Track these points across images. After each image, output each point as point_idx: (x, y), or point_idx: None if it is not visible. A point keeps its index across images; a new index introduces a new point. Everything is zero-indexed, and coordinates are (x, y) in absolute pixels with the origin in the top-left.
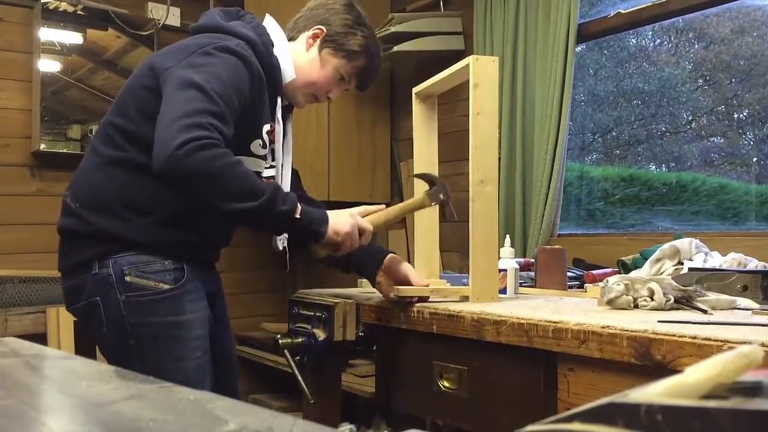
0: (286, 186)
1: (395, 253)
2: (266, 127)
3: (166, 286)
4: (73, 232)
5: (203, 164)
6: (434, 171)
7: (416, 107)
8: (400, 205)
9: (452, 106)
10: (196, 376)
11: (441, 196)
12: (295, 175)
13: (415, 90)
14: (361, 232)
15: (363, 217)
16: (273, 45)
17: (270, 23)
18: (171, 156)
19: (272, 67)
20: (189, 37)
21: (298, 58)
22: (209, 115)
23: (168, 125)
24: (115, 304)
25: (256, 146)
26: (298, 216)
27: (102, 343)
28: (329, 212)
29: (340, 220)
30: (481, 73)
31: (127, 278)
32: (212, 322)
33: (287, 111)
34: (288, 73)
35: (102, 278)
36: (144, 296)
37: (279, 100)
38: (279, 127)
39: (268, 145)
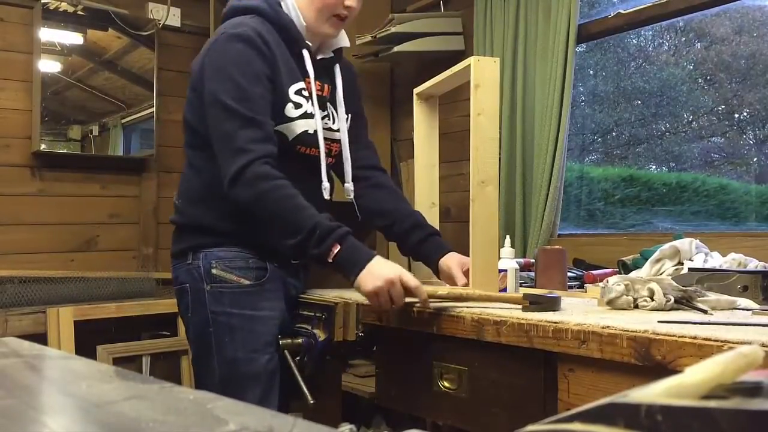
0: (344, 144)
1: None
2: (294, 87)
3: (247, 282)
4: (175, 224)
5: (253, 198)
6: (435, 171)
7: (417, 108)
8: (476, 291)
9: (452, 106)
10: (268, 372)
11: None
12: (370, 150)
13: (416, 91)
14: (407, 288)
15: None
16: (280, 4)
17: None
18: (228, 188)
19: (284, 25)
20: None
21: None
22: (243, 130)
23: (219, 155)
24: (201, 293)
25: (289, 110)
26: (330, 260)
27: (187, 327)
28: (373, 262)
29: (373, 277)
30: (483, 73)
31: (214, 271)
32: (285, 326)
33: (329, 64)
34: (298, 22)
35: (194, 268)
36: (226, 288)
37: (306, 53)
38: (312, 82)
39: (306, 101)
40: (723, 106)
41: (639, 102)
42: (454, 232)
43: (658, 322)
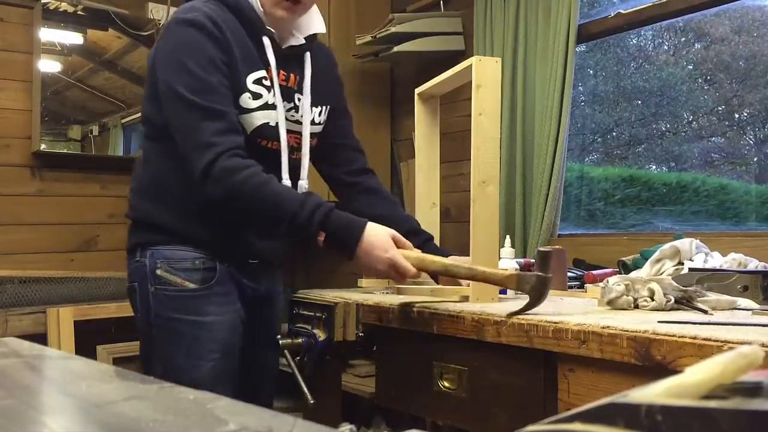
0: (305, 138)
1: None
2: (253, 76)
3: (192, 285)
4: (129, 218)
5: (224, 195)
6: (436, 171)
7: (418, 108)
8: (468, 266)
9: (453, 106)
10: (211, 379)
11: (529, 287)
12: (359, 152)
13: (417, 91)
14: (398, 270)
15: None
16: None
17: None
18: (199, 186)
19: (242, 10)
20: None
21: None
22: (204, 123)
23: (183, 151)
24: (147, 294)
25: (245, 100)
26: (322, 246)
27: (137, 327)
28: (365, 238)
29: (368, 267)
30: (484, 73)
31: (158, 271)
32: (246, 325)
33: (298, 52)
34: (258, 7)
35: (141, 267)
36: (170, 291)
37: (267, 40)
38: (273, 72)
39: (267, 92)
40: (723, 106)
41: (639, 102)
42: (455, 232)
43: (659, 322)
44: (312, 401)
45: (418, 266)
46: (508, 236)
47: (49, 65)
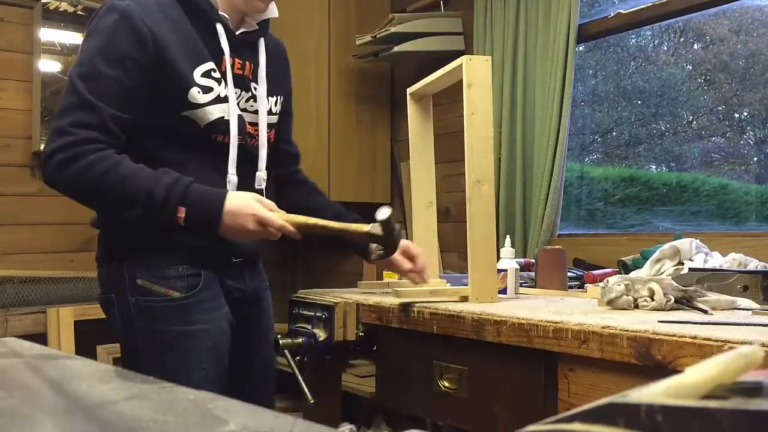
0: (261, 126)
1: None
2: (200, 69)
3: (177, 294)
4: (96, 227)
5: (62, 184)
6: (431, 171)
7: (411, 108)
8: (329, 222)
9: (451, 106)
10: (201, 388)
11: (379, 237)
12: (291, 158)
13: (409, 91)
14: (263, 222)
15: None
16: None
17: None
18: (43, 173)
19: (188, 1)
20: None
21: None
22: (74, 111)
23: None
24: (127, 305)
25: (195, 95)
26: (182, 224)
27: (118, 339)
28: (228, 204)
29: (236, 233)
30: (475, 72)
31: (139, 281)
32: (235, 328)
33: (253, 38)
34: None
35: (117, 276)
36: (153, 302)
37: (220, 28)
38: (227, 60)
39: (218, 84)
40: (723, 106)
41: (639, 102)
42: (455, 232)
43: (659, 322)
44: (312, 401)
45: (285, 221)
46: (508, 236)
47: (49, 65)
